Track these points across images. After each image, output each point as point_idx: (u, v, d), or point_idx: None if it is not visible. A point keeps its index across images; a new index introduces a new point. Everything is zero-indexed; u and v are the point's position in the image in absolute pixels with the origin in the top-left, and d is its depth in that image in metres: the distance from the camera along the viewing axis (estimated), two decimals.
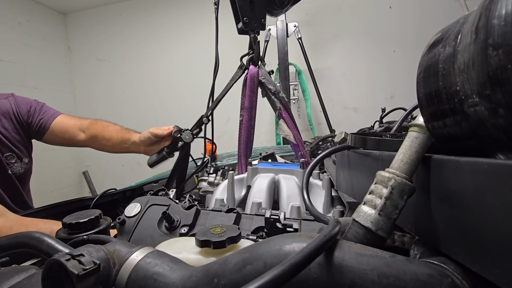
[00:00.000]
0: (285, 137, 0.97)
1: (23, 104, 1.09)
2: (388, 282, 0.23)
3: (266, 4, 0.95)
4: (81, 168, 3.78)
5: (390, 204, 0.29)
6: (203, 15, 3.25)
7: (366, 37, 2.85)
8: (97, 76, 3.70)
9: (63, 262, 0.26)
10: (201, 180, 1.12)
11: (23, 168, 1.08)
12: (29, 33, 3.31)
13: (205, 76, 1.64)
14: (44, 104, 1.16)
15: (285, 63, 2.59)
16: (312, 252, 0.23)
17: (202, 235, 0.38)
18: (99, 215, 0.51)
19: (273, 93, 0.98)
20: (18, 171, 1.06)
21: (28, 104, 1.10)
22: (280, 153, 1.43)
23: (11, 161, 1.03)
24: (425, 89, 0.29)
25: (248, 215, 0.58)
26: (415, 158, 0.30)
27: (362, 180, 0.47)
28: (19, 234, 0.39)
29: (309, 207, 0.44)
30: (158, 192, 0.78)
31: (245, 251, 0.28)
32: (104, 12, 3.68)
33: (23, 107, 1.08)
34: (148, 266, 0.29)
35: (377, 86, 2.84)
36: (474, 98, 0.23)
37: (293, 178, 0.80)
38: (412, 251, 0.34)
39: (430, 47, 0.30)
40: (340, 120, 2.90)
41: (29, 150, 1.12)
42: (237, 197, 0.80)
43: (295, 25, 2.59)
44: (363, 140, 0.45)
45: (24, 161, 1.08)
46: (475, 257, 0.23)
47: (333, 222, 0.28)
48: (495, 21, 0.20)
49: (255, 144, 1.11)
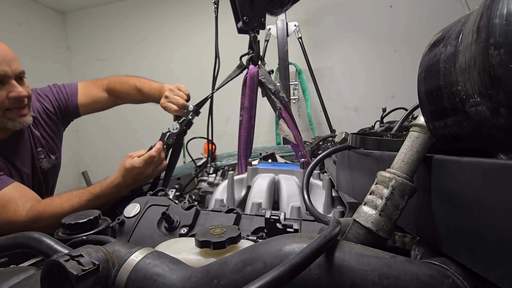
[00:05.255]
0: (285, 137, 0.97)
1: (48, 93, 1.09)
2: (389, 282, 0.23)
3: (266, 3, 0.94)
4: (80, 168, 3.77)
5: (391, 204, 0.29)
6: (203, 15, 3.25)
7: (366, 36, 2.84)
8: (97, 75, 3.63)
9: (62, 262, 0.26)
10: (201, 180, 1.12)
11: (51, 163, 1.10)
12: (28, 33, 3.31)
13: (205, 76, 1.64)
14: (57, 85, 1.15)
15: (285, 62, 2.59)
16: (312, 252, 0.23)
17: (202, 236, 0.37)
18: (98, 215, 0.51)
19: (273, 92, 0.98)
20: (46, 166, 1.07)
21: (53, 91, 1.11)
22: (280, 153, 1.43)
23: (40, 156, 1.05)
24: (426, 88, 0.29)
25: (248, 215, 0.58)
26: (416, 158, 0.30)
27: (363, 181, 0.47)
28: (17, 235, 0.39)
29: (310, 207, 0.43)
30: (158, 193, 0.78)
31: (245, 252, 0.28)
32: (103, 11, 3.68)
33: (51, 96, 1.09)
34: (147, 267, 0.29)
35: (377, 85, 2.84)
36: (475, 98, 0.23)
37: (293, 178, 0.80)
38: (413, 251, 0.34)
39: (431, 47, 0.30)
40: (340, 120, 2.90)
41: (58, 147, 1.14)
42: (237, 198, 0.80)
43: (295, 25, 2.59)
44: (364, 140, 0.45)
45: (52, 157, 1.10)
46: (476, 257, 0.23)
47: (333, 222, 0.27)
48: (496, 20, 0.20)
49: (255, 144, 1.11)
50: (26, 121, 0.90)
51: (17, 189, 0.84)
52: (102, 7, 3.68)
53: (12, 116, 0.86)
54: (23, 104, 0.88)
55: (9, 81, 0.83)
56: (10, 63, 0.83)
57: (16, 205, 0.79)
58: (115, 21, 3.64)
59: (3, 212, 0.78)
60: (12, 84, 0.84)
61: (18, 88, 0.85)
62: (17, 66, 0.86)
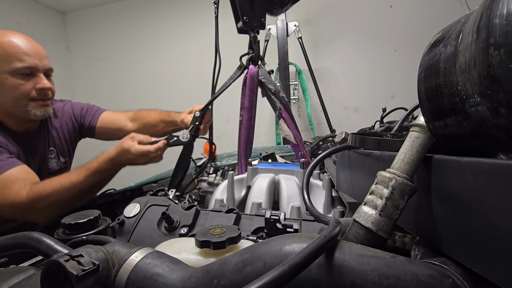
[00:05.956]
0: (285, 137, 0.97)
1: (78, 107, 1.20)
2: (389, 283, 0.23)
3: (266, 3, 0.94)
4: None
5: (391, 204, 0.29)
6: (202, 15, 3.25)
7: (366, 36, 2.84)
8: (97, 75, 3.70)
9: (62, 262, 0.26)
10: (201, 180, 1.12)
11: (59, 166, 1.12)
12: (28, 33, 3.26)
13: (205, 76, 1.64)
14: (95, 106, 1.26)
15: (285, 62, 2.59)
16: (312, 252, 0.23)
17: (202, 236, 0.37)
18: (98, 215, 0.51)
19: (273, 92, 0.98)
20: (53, 167, 1.10)
21: (82, 106, 1.21)
22: (280, 153, 1.43)
23: (50, 156, 1.09)
24: (426, 88, 0.29)
25: (248, 215, 0.58)
26: (416, 158, 0.30)
27: (363, 181, 0.47)
28: (18, 235, 0.39)
29: (310, 207, 0.43)
30: (158, 193, 0.78)
31: (245, 252, 0.28)
32: (103, 11, 3.68)
33: (77, 110, 1.19)
34: (147, 267, 0.29)
35: (377, 85, 2.84)
36: (475, 98, 0.23)
37: (293, 178, 0.80)
38: (413, 251, 0.34)
39: (431, 47, 0.30)
40: (340, 120, 2.90)
41: (70, 151, 1.19)
42: (237, 198, 0.80)
43: (295, 25, 2.58)
44: (364, 140, 0.45)
45: (61, 159, 1.13)
46: (476, 257, 0.23)
47: (333, 222, 0.27)
48: (496, 20, 0.20)
49: (255, 144, 1.11)
50: (47, 111, 0.98)
51: (23, 171, 0.85)
52: (102, 7, 3.68)
53: (35, 105, 0.95)
54: (47, 96, 0.97)
55: (38, 74, 0.93)
56: (42, 59, 0.95)
57: (19, 186, 0.81)
58: (115, 21, 3.64)
59: (7, 192, 0.80)
60: (40, 77, 0.94)
61: (44, 80, 0.94)
62: (47, 62, 0.97)
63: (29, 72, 0.91)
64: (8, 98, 0.91)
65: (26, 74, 0.91)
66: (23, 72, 0.90)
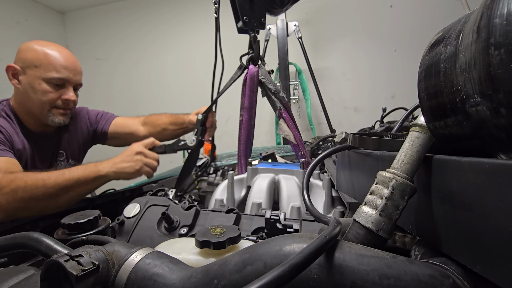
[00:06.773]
0: (285, 137, 0.97)
1: (93, 113, 1.25)
2: (389, 283, 0.23)
3: (266, 3, 0.94)
4: None
5: (391, 204, 0.29)
6: (202, 14, 3.25)
7: (367, 36, 2.84)
8: (96, 75, 3.70)
9: (62, 263, 0.26)
10: (200, 180, 1.12)
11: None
12: (28, 32, 3.30)
13: (205, 76, 1.64)
14: (109, 112, 1.31)
15: (285, 62, 2.59)
16: (312, 252, 0.23)
17: (202, 236, 0.37)
18: (98, 215, 0.51)
19: (273, 92, 0.97)
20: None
21: (97, 113, 1.27)
22: (280, 153, 1.43)
23: (59, 159, 1.12)
24: (427, 88, 0.29)
25: (248, 215, 0.58)
26: (416, 158, 0.30)
27: (363, 181, 0.47)
28: (17, 235, 0.39)
29: (310, 207, 0.43)
30: (158, 193, 0.78)
31: (245, 252, 0.28)
32: (103, 11, 3.68)
33: (92, 115, 1.24)
34: (147, 267, 0.29)
35: (378, 85, 2.84)
36: (475, 98, 0.22)
37: (293, 178, 0.80)
38: (413, 251, 0.34)
39: (432, 47, 0.30)
40: (340, 120, 2.90)
41: (81, 155, 1.23)
42: (237, 198, 0.80)
43: (296, 24, 2.59)
44: (364, 140, 0.45)
45: (70, 162, 1.15)
46: (476, 257, 0.23)
47: (333, 222, 0.27)
48: (497, 20, 0.20)
49: (255, 144, 1.11)
50: (64, 120, 1.05)
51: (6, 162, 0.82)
52: (101, 7, 3.68)
53: (56, 113, 1.02)
54: (69, 106, 1.04)
55: (68, 86, 1.01)
56: (76, 74, 1.03)
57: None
58: (114, 21, 3.64)
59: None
60: (69, 89, 1.02)
61: (71, 93, 1.03)
62: (79, 78, 1.05)
63: (61, 83, 0.99)
64: (35, 101, 0.97)
65: (58, 84, 0.98)
66: (56, 82, 0.98)
